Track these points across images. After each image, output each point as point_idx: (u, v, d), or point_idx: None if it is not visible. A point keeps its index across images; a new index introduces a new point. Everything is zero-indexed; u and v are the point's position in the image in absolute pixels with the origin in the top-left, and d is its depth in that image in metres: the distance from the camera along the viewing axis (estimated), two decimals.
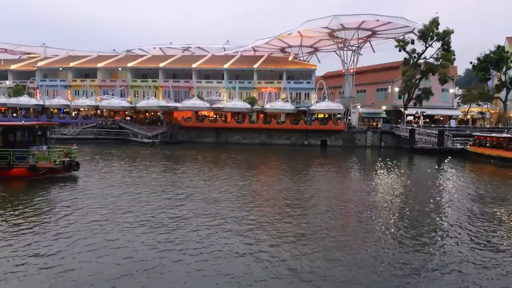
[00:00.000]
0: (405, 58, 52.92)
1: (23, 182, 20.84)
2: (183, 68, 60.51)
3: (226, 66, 58.82)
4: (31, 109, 58.57)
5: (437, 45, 50.45)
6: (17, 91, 59.89)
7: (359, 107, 57.96)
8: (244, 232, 12.90)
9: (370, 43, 61.17)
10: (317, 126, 51.55)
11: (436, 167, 32.42)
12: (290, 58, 63.32)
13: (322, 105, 53.05)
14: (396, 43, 52.33)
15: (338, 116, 55.12)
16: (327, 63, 75.30)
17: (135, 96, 59.93)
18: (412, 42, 52.07)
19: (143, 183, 21.54)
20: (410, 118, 58.21)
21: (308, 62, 68.60)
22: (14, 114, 57.91)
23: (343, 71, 60.31)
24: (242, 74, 59.18)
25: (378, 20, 52.43)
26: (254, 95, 56.57)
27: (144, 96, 58.09)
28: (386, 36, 58.46)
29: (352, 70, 59.21)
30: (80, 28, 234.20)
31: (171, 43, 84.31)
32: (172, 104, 56.05)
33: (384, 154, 43.57)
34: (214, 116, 56.17)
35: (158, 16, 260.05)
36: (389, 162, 34.13)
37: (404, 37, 54.69)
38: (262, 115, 54.45)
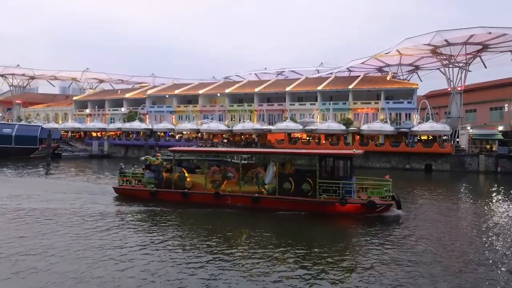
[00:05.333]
0: None
1: (356, 221, 17.57)
2: (277, 92, 61.62)
3: (319, 87, 58.37)
4: (141, 132, 64.70)
5: None
6: (130, 117, 66.90)
7: (468, 128, 52.43)
8: None
9: (481, 58, 55.54)
10: (421, 148, 47.65)
11: None
12: (388, 78, 60.45)
13: (425, 126, 49.09)
14: None
15: (444, 138, 50.47)
16: (429, 81, 70.48)
17: (232, 119, 62.52)
18: None
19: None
20: None
21: (409, 81, 64.86)
22: (128, 137, 64.64)
23: (449, 89, 55.50)
24: (337, 95, 58.04)
25: (490, 33, 47.51)
26: (349, 116, 54.83)
27: (240, 120, 60.38)
28: (500, 49, 52.62)
29: (459, 88, 54.20)
30: (185, 58, 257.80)
31: (265, 68, 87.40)
32: (266, 126, 57.12)
33: (502, 180, 38.29)
34: (307, 138, 55.65)
35: (255, 43, 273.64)
36: (510, 191, 29.73)
37: None
38: (358, 136, 52.39)
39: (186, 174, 21.26)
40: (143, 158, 23.90)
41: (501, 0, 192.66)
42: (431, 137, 50.75)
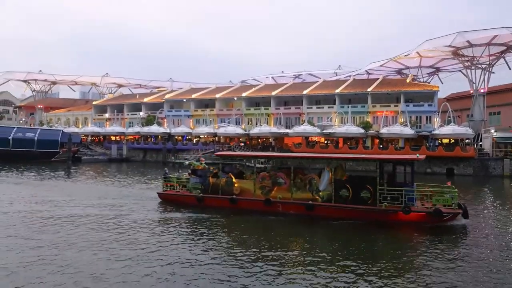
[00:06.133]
0: None
1: (420, 230, 16.32)
2: (294, 95, 61.25)
3: (337, 90, 57.73)
4: (159, 136, 65.24)
5: None
6: (148, 121, 67.57)
7: (492, 131, 50.91)
8: None
9: (505, 59, 54.02)
10: (442, 152, 46.48)
11: None
12: (408, 80, 59.34)
13: (447, 130, 47.88)
14: None
15: (467, 141, 49.15)
16: (451, 83, 69.11)
17: (248, 123, 62.41)
18: None
19: None
20: None
21: (429, 83, 63.59)
22: (146, 141, 65.31)
23: (471, 91, 54.12)
24: (355, 98, 57.27)
25: None
26: (368, 120, 53.98)
27: (256, 123, 60.15)
28: None
29: (482, 90, 52.79)
30: (202, 63, 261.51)
31: (282, 71, 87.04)
32: (283, 130, 56.78)
33: None
34: (325, 142, 55.01)
35: (272, 48, 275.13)
36: None
37: None
38: (377, 140, 51.49)
39: (234, 180, 20.51)
40: (187, 162, 23.45)
41: (500, 1, 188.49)
42: (453, 140, 49.51)
